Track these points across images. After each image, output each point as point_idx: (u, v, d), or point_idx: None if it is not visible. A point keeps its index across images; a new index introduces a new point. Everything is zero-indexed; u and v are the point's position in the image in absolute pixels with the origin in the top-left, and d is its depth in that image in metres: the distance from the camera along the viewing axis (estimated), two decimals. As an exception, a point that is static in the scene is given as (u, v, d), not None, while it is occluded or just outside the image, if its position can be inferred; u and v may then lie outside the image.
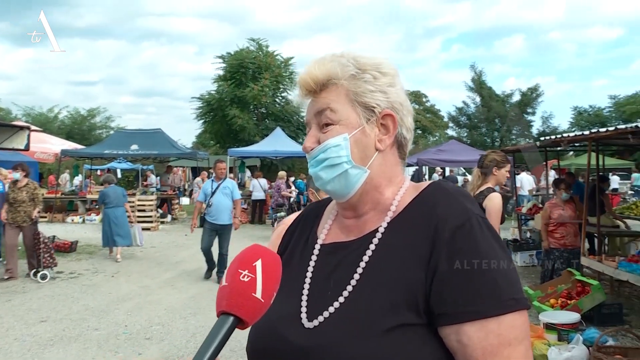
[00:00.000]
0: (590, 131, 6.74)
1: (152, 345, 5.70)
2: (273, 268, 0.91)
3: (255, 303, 0.86)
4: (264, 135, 24.89)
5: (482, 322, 0.95)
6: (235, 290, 0.87)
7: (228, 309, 0.86)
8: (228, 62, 29.07)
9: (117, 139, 19.16)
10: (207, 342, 0.83)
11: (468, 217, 1.03)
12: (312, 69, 1.13)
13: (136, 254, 11.49)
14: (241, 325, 0.87)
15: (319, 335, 1.03)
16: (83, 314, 6.81)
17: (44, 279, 8.55)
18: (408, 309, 0.98)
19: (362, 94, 1.11)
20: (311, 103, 1.16)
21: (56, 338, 5.86)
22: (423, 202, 1.10)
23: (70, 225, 16.70)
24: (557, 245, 7.07)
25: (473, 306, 0.95)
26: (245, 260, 0.90)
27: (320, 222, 1.28)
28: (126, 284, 8.53)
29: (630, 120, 27.53)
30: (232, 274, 0.89)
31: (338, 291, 1.07)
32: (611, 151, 11.90)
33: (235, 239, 9.02)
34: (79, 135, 35.61)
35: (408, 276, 1.01)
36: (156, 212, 16.58)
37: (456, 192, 1.11)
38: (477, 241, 1.00)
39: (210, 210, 8.55)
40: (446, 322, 0.97)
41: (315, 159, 1.13)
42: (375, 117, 1.12)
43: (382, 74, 1.13)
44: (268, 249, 0.94)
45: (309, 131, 1.16)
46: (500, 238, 1.07)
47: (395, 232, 1.09)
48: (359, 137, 1.11)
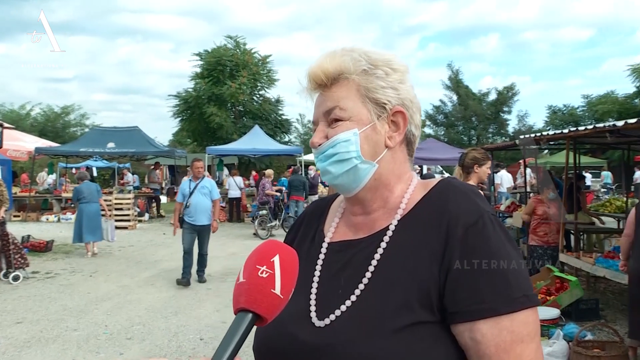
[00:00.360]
0: (569, 130, 6.85)
1: (133, 345, 5.63)
2: (291, 263, 0.90)
3: (274, 299, 0.86)
4: (241, 133, 24.73)
5: (496, 319, 0.96)
6: (253, 287, 0.86)
7: (247, 305, 0.85)
8: (205, 59, 28.82)
9: (93, 137, 18.91)
10: (226, 340, 0.82)
11: (480, 214, 1.04)
12: (323, 61, 1.12)
13: (114, 253, 11.35)
14: (260, 322, 0.86)
15: (331, 333, 1.03)
16: (61, 314, 6.69)
17: (16, 280, 8.31)
18: (421, 307, 0.99)
19: (373, 89, 1.10)
20: (320, 98, 1.15)
21: (33, 340, 5.75)
22: (434, 200, 1.10)
23: (45, 224, 16.43)
24: (540, 242, 7.16)
25: (487, 304, 0.96)
26: (263, 256, 0.89)
27: (326, 219, 1.27)
28: (105, 284, 8.41)
29: (602, 120, 28.08)
30: (250, 269, 0.88)
31: (349, 289, 1.06)
32: (585, 149, 12.12)
33: (214, 237, 8.94)
34: (53, 133, 35.04)
35: (421, 274, 1.01)
36: (134, 211, 16.39)
37: (467, 189, 1.12)
38: (489, 239, 1.01)
39: (189, 210, 8.33)
40: (460, 319, 0.98)
41: (324, 154, 1.12)
42: (386, 114, 1.12)
43: (393, 70, 1.13)
44: (284, 244, 0.94)
45: (317, 127, 1.15)
46: (510, 235, 1.09)
47: (406, 230, 1.09)
48: (369, 133, 1.10)
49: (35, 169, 21.44)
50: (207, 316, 6.65)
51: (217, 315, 6.67)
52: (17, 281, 8.32)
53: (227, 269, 9.63)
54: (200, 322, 6.41)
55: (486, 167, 4.69)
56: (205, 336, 5.89)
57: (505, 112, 40.10)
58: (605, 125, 5.93)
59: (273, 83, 30.67)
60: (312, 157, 5.80)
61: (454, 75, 40.54)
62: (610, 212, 10.27)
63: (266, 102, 30.01)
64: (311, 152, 14.94)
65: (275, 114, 30.18)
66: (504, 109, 39.97)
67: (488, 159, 4.75)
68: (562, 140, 7.66)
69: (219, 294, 7.71)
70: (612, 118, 27.51)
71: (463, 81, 40.70)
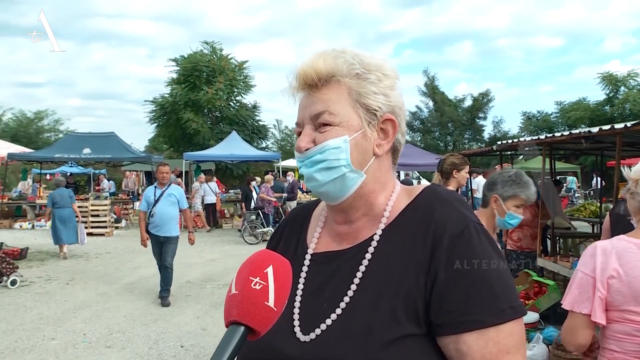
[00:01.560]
0: (545, 136, 6.98)
1: (113, 353, 5.55)
2: (284, 274, 0.87)
3: (267, 312, 0.82)
4: (218, 139, 24.64)
5: (482, 330, 0.95)
6: (246, 299, 0.82)
7: (239, 318, 0.81)
8: (181, 65, 28.67)
9: (68, 143, 18.62)
10: (217, 354, 0.78)
11: (466, 224, 1.02)
12: (316, 61, 1.07)
13: (91, 260, 11.20)
14: (252, 336, 0.83)
15: (317, 348, 1.01)
16: (37, 323, 6.57)
17: (14, 285, 8.40)
18: (408, 320, 0.97)
19: (365, 95, 1.07)
20: (308, 99, 1.09)
21: (7, 350, 5.62)
22: (418, 208, 1.08)
23: (18, 232, 16.10)
24: (514, 247, 7.25)
25: (473, 316, 0.95)
26: (256, 267, 0.86)
27: (308, 228, 1.23)
28: (82, 291, 8.28)
29: (574, 126, 28.65)
30: (243, 281, 0.84)
31: (335, 302, 1.04)
32: (559, 155, 12.36)
33: (195, 243, 8.79)
34: (25, 139, 34.37)
35: (407, 285, 1.00)
36: (110, 217, 16.18)
37: (451, 197, 1.09)
38: (475, 250, 1.00)
39: (153, 220, 7.53)
40: (445, 332, 0.97)
41: (310, 160, 1.07)
42: (377, 121, 1.08)
43: (385, 76, 1.09)
44: (277, 254, 0.90)
45: (303, 130, 1.10)
46: (496, 244, 1.07)
47: (391, 239, 1.06)
48: (359, 141, 1.07)
49: (8, 175, 21.02)
50: (187, 323, 6.60)
51: (197, 322, 6.62)
52: (14, 285, 8.39)
53: (206, 275, 9.57)
54: (181, 329, 6.35)
55: (465, 172, 4.72)
56: (186, 343, 5.84)
57: (480, 118, 40.58)
58: (580, 132, 6.06)
59: (250, 89, 30.68)
60: (290, 163, 5.91)
61: (429, 81, 40.91)
62: (585, 217, 10.47)
63: (243, 107, 29.97)
64: (290, 158, 14.91)
65: (252, 120, 30.14)
66: (480, 115, 40.44)
67: (466, 164, 4.79)
68: (539, 146, 7.79)
69: (199, 301, 7.65)
70: (584, 124, 28.11)
71: (439, 87, 41.12)
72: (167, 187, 7.73)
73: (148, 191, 7.93)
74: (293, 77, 1.10)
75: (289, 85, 1.12)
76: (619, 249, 1.99)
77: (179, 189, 8.09)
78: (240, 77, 30.02)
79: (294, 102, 1.13)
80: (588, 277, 2.02)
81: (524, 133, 34.65)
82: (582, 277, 2.05)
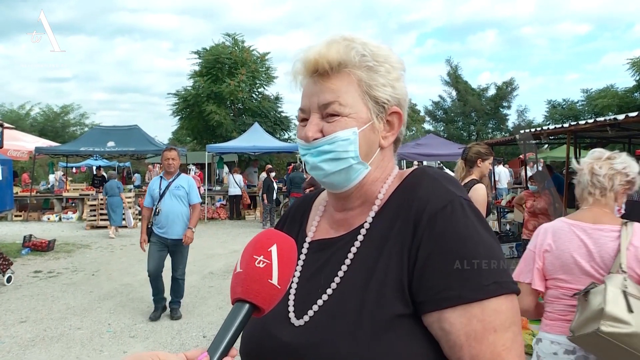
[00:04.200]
0: (569, 124, 6.85)
1: (137, 343, 5.64)
2: (289, 253, 0.88)
3: (271, 289, 0.84)
4: (241, 130, 24.71)
5: (465, 307, 0.92)
6: (250, 277, 0.84)
7: (244, 295, 0.83)
8: (204, 57, 28.75)
9: (93, 136, 18.90)
10: (222, 330, 0.80)
11: (450, 199, 1.00)
12: (328, 50, 1.05)
13: (116, 252, 11.37)
14: (257, 312, 0.85)
15: (309, 332, 1.01)
16: (64, 313, 6.70)
17: (9, 282, 8.14)
18: (396, 299, 0.96)
19: (375, 87, 1.06)
20: (315, 87, 1.08)
21: (37, 339, 5.76)
22: (406, 189, 1.08)
23: (46, 224, 16.44)
24: (529, 236, 7.17)
25: (454, 291, 0.92)
26: (260, 246, 0.87)
27: (308, 218, 1.24)
28: (107, 282, 8.42)
29: (602, 114, 28.04)
30: (247, 259, 0.86)
31: (325, 287, 1.04)
32: (585, 144, 12.10)
33: (215, 234, 8.86)
34: (53, 133, 34.93)
35: (393, 265, 0.99)
36: (135, 209, 16.39)
37: (439, 176, 1.08)
38: (458, 224, 0.97)
39: (159, 219, 6.23)
40: (428, 309, 0.95)
41: (318, 149, 1.07)
42: (384, 114, 1.08)
43: (392, 68, 1.09)
44: (283, 233, 0.91)
45: (309, 118, 1.08)
46: (486, 221, 1.04)
47: (380, 223, 1.06)
48: (367, 132, 1.07)
49: (36, 168, 21.44)
50: (209, 314, 6.66)
51: (220, 313, 6.68)
52: (10, 282, 8.18)
53: (229, 266, 9.65)
54: (203, 319, 6.42)
55: (488, 162, 4.69)
56: (208, 333, 5.90)
57: (504, 107, 40.00)
58: (606, 119, 5.93)
59: (272, 80, 30.62)
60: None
61: (452, 70, 40.44)
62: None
63: (265, 99, 29.96)
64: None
65: (275, 111, 30.13)
66: (504, 104, 39.87)
67: (491, 155, 4.76)
68: (563, 134, 7.65)
69: (221, 291, 7.72)
70: (612, 112, 27.44)
71: (462, 77, 40.65)
72: (175, 178, 6.38)
73: (152, 183, 6.53)
74: (300, 62, 1.09)
75: (294, 70, 1.10)
76: (555, 228, 2.45)
77: (190, 179, 6.61)
78: (262, 69, 29.99)
79: (295, 86, 1.12)
80: (530, 252, 2.48)
81: (548, 122, 34.06)
82: (527, 252, 2.51)
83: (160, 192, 6.30)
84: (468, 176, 4.59)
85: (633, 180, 2.43)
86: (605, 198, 2.41)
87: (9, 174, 10.58)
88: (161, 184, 6.36)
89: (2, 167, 14.47)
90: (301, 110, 1.11)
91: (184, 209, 6.30)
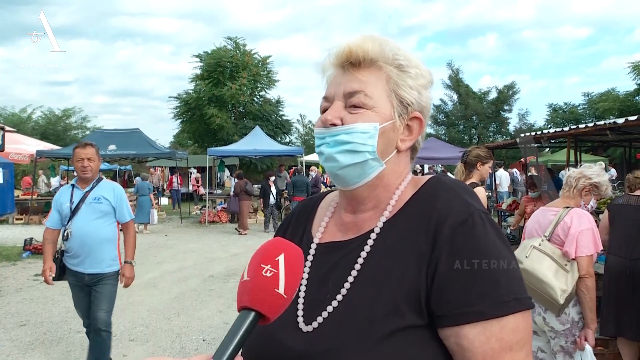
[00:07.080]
0: (569, 128, 6.86)
1: (136, 346, 5.64)
2: (296, 262, 0.88)
3: (277, 299, 0.84)
4: (242, 134, 24.74)
5: (484, 324, 0.91)
6: (257, 286, 0.85)
7: (250, 304, 0.84)
8: (205, 61, 28.81)
9: (94, 139, 18.69)
10: (228, 338, 0.81)
11: (470, 212, 0.98)
12: (365, 42, 1.06)
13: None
14: (263, 321, 0.85)
15: (317, 339, 1.00)
16: (64, 316, 6.70)
17: None
18: (410, 311, 0.95)
19: (402, 87, 1.06)
20: (344, 76, 1.08)
21: (37, 342, 5.76)
22: (423, 198, 1.06)
23: (47, 227, 16.41)
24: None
25: (474, 307, 0.91)
26: (268, 255, 0.87)
27: (314, 219, 1.22)
28: (107, 286, 8.40)
29: (603, 117, 28.03)
30: (254, 268, 0.87)
31: (335, 293, 1.02)
32: (586, 147, 12.07)
33: (216, 238, 8.85)
34: (54, 136, 35.00)
35: (408, 275, 0.97)
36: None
37: (457, 186, 1.06)
38: (479, 239, 0.96)
39: (70, 245, 4.35)
40: (446, 323, 0.93)
41: (335, 138, 1.05)
42: (406, 116, 1.08)
43: (422, 75, 1.10)
44: (290, 242, 0.91)
45: (332, 105, 1.07)
46: (503, 234, 1.03)
47: (393, 230, 1.04)
48: (387, 130, 1.06)
49: (37, 172, 21.47)
50: (209, 317, 6.66)
51: (220, 316, 6.68)
52: None
53: (229, 270, 9.64)
54: (203, 323, 6.42)
55: (488, 166, 4.70)
56: (208, 337, 5.90)
57: (505, 110, 40.08)
58: (605, 123, 5.94)
59: (273, 84, 30.69)
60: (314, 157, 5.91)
61: (454, 74, 40.52)
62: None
63: (266, 103, 30.01)
64: (312, 153, 14.71)
65: (276, 115, 30.17)
66: (505, 108, 39.94)
67: (491, 158, 4.76)
68: (564, 138, 7.65)
69: (222, 295, 7.71)
70: (613, 115, 27.43)
71: (463, 80, 40.69)
72: (93, 186, 4.45)
73: (60, 194, 4.54)
74: (334, 53, 1.09)
75: (325, 62, 1.11)
76: (535, 213, 3.67)
77: (116, 187, 4.61)
78: (263, 72, 30.04)
79: (321, 79, 1.13)
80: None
81: (550, 125, 34.07)
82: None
83: (71, 207, 4.37)
84: (468, 179, 4.59)
85: (596, 183, 3.42)
86: (570, 193, 3.49)
87: (11, 177, 10.59)
88: (73, 196, 4.42)
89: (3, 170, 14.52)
90: (325, 98, 1.11)
91: (109, 231, 4.43)
